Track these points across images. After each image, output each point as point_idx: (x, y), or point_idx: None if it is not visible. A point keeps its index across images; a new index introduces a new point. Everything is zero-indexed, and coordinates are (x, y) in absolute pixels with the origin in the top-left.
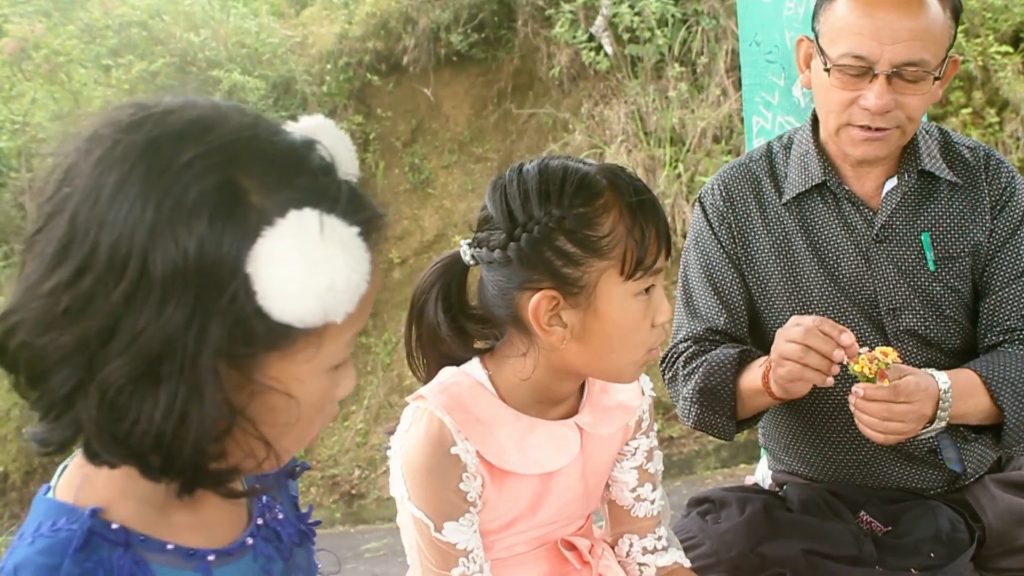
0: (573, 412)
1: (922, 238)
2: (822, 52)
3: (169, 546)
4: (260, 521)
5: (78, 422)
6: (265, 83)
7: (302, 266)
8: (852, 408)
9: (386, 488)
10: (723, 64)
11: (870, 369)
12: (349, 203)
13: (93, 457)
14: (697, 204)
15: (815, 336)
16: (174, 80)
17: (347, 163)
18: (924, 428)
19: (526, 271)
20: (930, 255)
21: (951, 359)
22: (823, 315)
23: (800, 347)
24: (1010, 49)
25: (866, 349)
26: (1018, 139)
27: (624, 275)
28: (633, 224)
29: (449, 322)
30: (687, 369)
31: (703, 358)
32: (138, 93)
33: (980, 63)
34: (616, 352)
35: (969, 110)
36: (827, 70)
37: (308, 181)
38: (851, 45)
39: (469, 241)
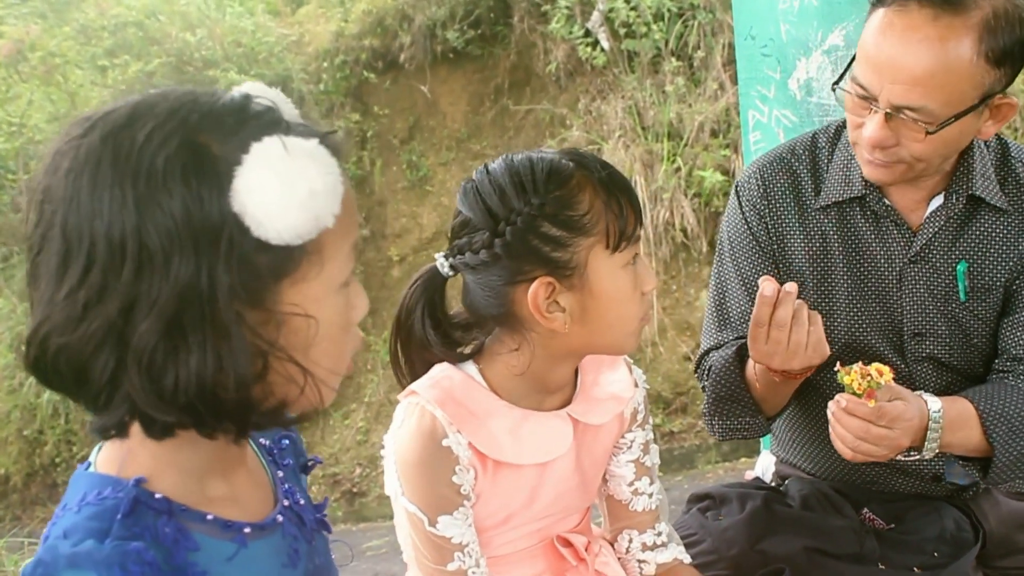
0: (566, 403)
1: (958, 268)
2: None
3: (209, 516)
4: (286, 502)
5: (128, 399)
6: (262, 82)
7: (279, 184)
8: (829, 415)
9: (385, 482)
10: (720, 58)
11: (859, 385)
12: (300, 126)
13: (150, 427)
14: (733, 196)
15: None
16: (170, 80)
17: (287, 110)
18: (910, 455)
19: (516, 264)
20: (963, 285)
21: (971, 384)
22: (845, 330)
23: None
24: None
25: (859, 364)
26: None
27: (610, 248)
28: (609, 197)
29: (438, 335)
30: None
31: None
32: (135, 94)
33: None
34: (615, 326)
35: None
36: (835, 85)
37: (257, 121)
38: (858, 70)
39: (445, 253)
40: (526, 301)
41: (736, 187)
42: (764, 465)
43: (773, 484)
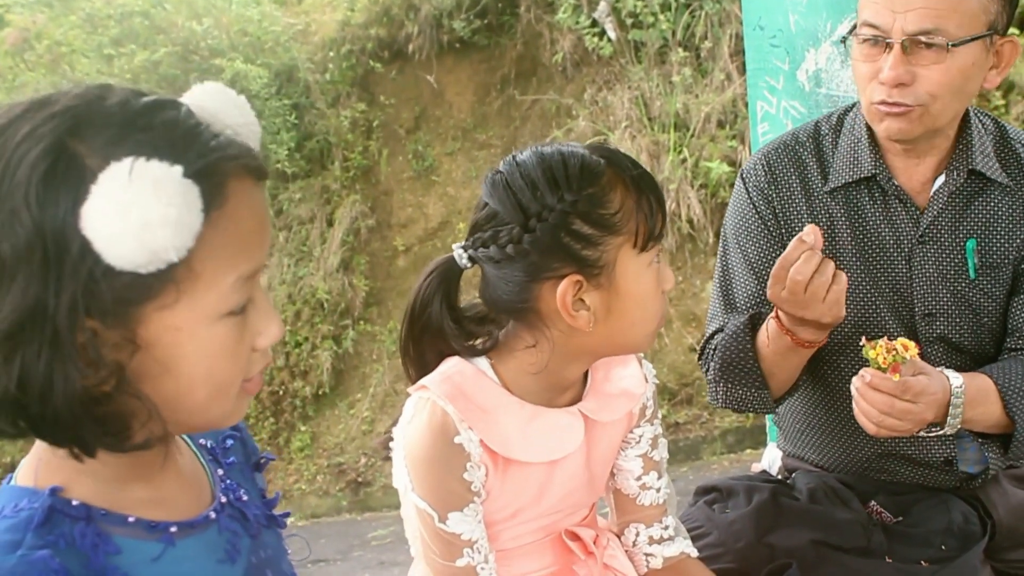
0: (577, 400)
1: (967, 245)
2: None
3: (130, 519)
4: (224, 499)
5: None
6: (268, 71)
7: (114, 211)
8: (853, 391)
9: (392, 475)
10: (727, 48)
11: (884, 359)
12: (178, 147)
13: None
14: (739, 183)
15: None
16: (176, 69)
17: (232, 118)
18: (932, 430)
19: (544, 260)
20: (972, 262)
21: (983, 365)
22: (857, 312)
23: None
24: (1016, 31)
25: (884, 339)
26: None
27: (638, 247)
28: (639, 196)
29: (456, 326)
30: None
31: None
32: (140, 83)
33: None
34: (636, 325)
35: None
36: (843, 40)
37: (143, 136)
38: (868, 14)
39: (464, 244)
40: (550, 298)
41: (742, 174)
42: (771, 458)
43: (780, 477)
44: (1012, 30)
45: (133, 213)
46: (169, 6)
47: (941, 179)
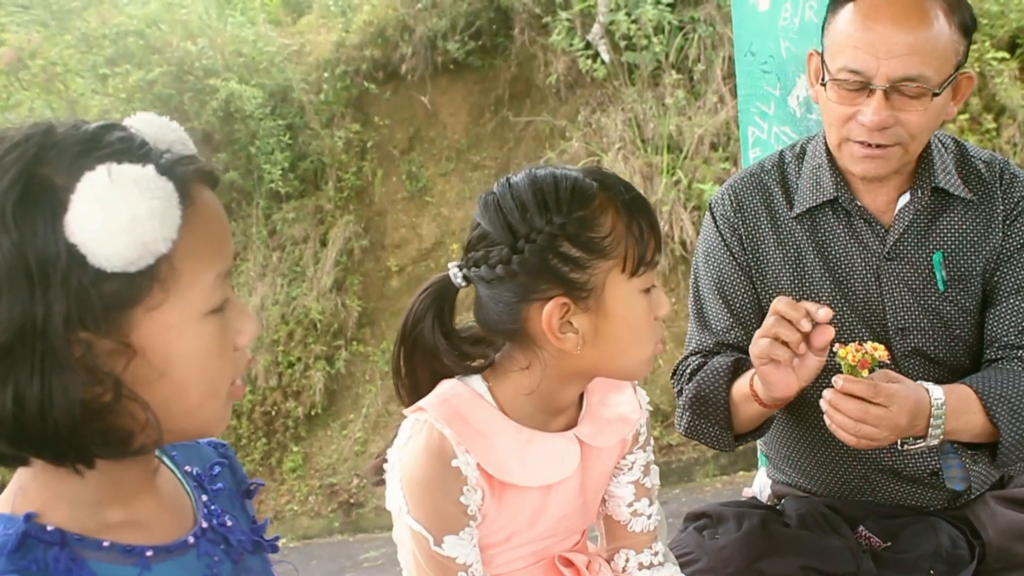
0: (572, 424)
1: (933, 258)
2: (824, 66)
3: (105, 543)
4: (205, 525)
5: None
6: (262, 92)
7: (101, 211)
8: (824, 405)
9: (385, 497)
10: (720, 71)
11: (854, 357)
12: (142, 152)
13: None
14: (708, 214)
15: (785, 304)
16: (171, 89)
17: (170, 141)
18: (916, 443)
19: (532, 282)
20: (940, 275)
21: (958, 378)
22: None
23: (772, 318)
24: (1007, 55)
25: (856, 343)
26: (1015, 145)
27: (628, 272)
28: (630, 220)
29: (449, 345)
30: (691, 381)
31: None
32: (135, 102)
33: (977, 69)
34: (627, 351)
35: (966, 116)
36: (823, 84)
37: (101, 150)
38: (848, 59)
39: (459, 263)
40: (538, 319)
41: (710, 205)
42: (761, 484)
43: (770, 503)
44: (1003, 53)
45: (121, 210)
46: (164, 26)
47: (906, 198)
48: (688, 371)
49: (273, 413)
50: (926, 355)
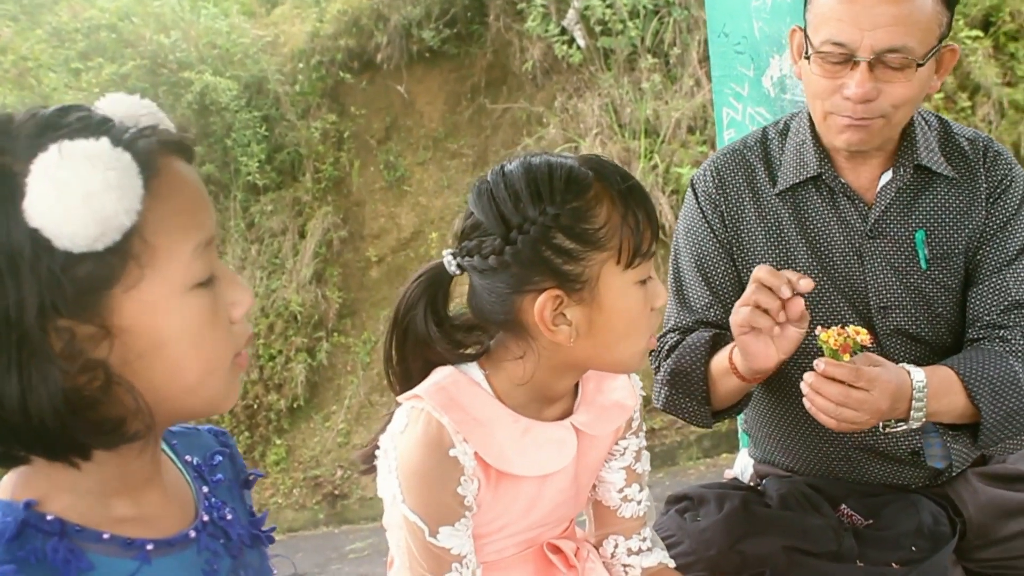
0: (568, 412)
1: (916, 236)
2: (808, 40)
3: (105, 536)
4: (206, 518)
5: None
6: (237, 83)
7: (55, 191)
8: (805, 388)
9: (369, 488)
10: (696, 55)
11: (835, 341)
12: (100, 127)
13: None
14: (689, 190)
15: (766, 272)
16: (145, 83)
17: (140, 118)
18: (897, 425)
19: (526, 273)
20: (923, 253)
21: (941, 357)
22: (814, 309)
23: (753, 286)
24: (980, 33)
25: (839, 326)
26: (990, 123)
27: (623, 264)
28: (626, 211)
29: (441, 333)
30: (668, 357)
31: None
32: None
33: None
34: (622, 342)
35: (941, 95)
36: (807, 57)
37: (61, 131)
38: (831, 32)
39: (453, 251)
40: (531, 310)
41: (692, 181)
42: (742, 465)
43: (751, 484)
44: (976, 32)
45: (74, 186)
46: (137, 19)
47: (888, 175)
48: (666, 347)
49: (255, 406)
50: (908, 334)
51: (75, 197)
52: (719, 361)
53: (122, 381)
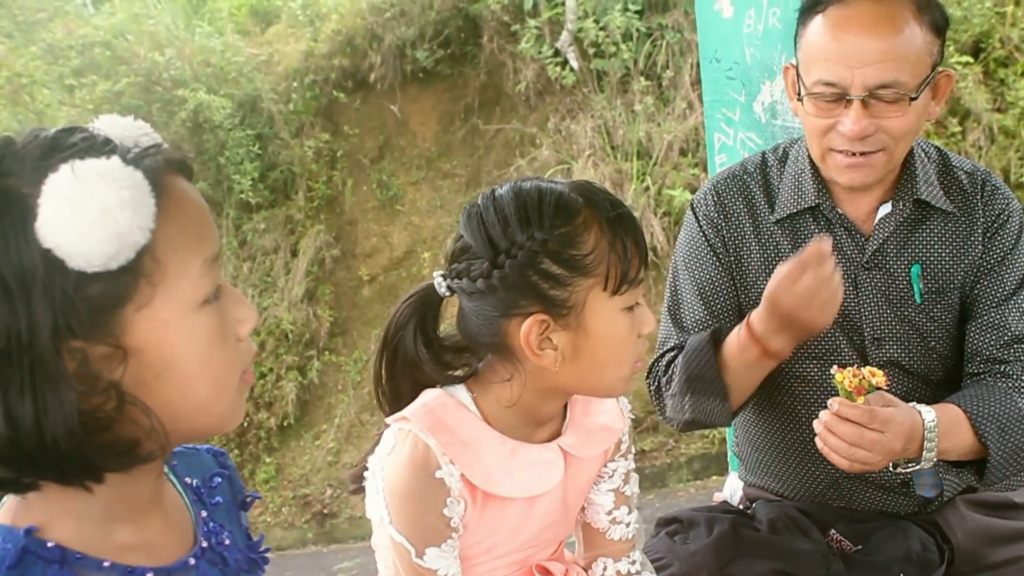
0: (556, 434)
1: (911, 270)
2: (800, 79)
3: (106, 563)
4: (205, 544)
5: None
6: (231, 102)
7: (70, 210)
8: (818, 427)
9: (358, 507)
10: (688, 77)
11: (851, 383)
12: (106, 148)
13: None
14: (689, 213)
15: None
16: (139, 100)
17: (137, 138)
18: (908, 466)
19: (512, 297)
20: (918, 287)
21: (934, 390)
22: (812, 338)
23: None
24: (971, 59)
25: (855, 367)
26: (980, 148)
27: (610, 291)
28: (614, 238)
29: (430, 355)
30: (668, 374)
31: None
32: (103, 113)
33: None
34: (607, 368)
35: (931, 120)
36: (800, 98)
37: (66, 152)
38: (822, 72)
39: (444, 273)
40: (518, 334)
41: (692, 203)
42: (732, 488)
43: (741, 507)
44: (967, 58)
45: (89, 204)
46: (131, 37)
47: (887, 207)
48: (664, 364)
49: (245, 424)
50: (901, 366)
51: (90, 215)
52: (733, 344)
53: (136, 401)
